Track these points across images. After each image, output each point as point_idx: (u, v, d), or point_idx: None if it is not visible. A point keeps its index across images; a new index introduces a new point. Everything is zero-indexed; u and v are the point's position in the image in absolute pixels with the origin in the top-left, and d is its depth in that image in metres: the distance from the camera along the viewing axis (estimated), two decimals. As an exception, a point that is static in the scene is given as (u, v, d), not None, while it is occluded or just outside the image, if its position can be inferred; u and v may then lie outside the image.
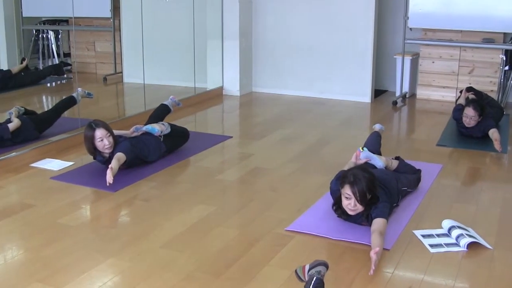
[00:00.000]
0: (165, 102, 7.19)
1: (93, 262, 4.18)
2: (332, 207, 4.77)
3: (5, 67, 10.86)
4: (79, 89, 7.73)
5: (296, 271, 3.65)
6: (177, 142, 6.71)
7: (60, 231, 4.74)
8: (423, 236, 4.54)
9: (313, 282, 3.41)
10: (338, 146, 7.00)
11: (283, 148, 6.93)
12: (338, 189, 4.58)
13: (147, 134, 6.40)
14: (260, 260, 4.18)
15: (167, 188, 5.74)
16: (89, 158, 6.22)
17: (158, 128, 6.42)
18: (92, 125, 5.93)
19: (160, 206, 5.26)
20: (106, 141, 5.90)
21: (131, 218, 5.13)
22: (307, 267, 3.59)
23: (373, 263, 3.89)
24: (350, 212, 4.53)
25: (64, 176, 6.02)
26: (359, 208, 4.47)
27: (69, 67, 11.66)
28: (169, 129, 6.53)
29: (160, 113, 7.00)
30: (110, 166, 5.59)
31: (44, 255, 4.32)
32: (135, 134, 6.40)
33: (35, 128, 7.11)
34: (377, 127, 6.22)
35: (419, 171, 5.54)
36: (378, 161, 5.29)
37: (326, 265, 3.55)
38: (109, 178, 5.48)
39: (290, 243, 4.45)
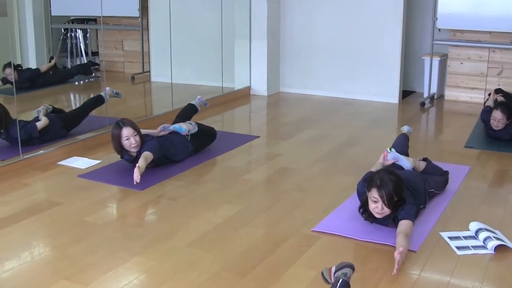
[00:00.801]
0: (192, 102, 7.20)
1: (119, 260, 4.19)
2: (359, 210, 4.75)
3: (33, 66, 10.94)
4: (107, 88, 7.76)
5: (322, 273, 3.64)
6: (204, 142, 6.71)
7: (86, 229, 4.76)
8: (450, 238, 4.50)
9: (339, 284, 3.41)
10: (365, 147, 6.96)
11: (310, 148, 6.91)
12: (365, 191, 4.56)
13: (174, 133, 6.41)
14: (286, 261, 4.17)
15: (194, 187, 5.74)
16: (116, 157, 6.24)
17: (185, 127, 6.43)
18: (119, 124, 5.95)
19: (186, 205, 5.26)
20: (132, 140, 5.91)
21: (158, 216, 5.14)
22: (333, 269, 3.58)
23: (397, 263, 3.88)
24: (377, 215, 4.51)
25: (91, 174, 6.04)
26: (386, 211, 4.44)
27: (97, 67, 11.73)
28: (196, 129, 6.53)
29: (187, 112, 7.01)
30: (137, 165, 5.60)
31: (71, 252, 4.34)
32: (162, 133, 6.41)
33: (63, 127, 7.15)
34: (405, 129, 6.19)
35: (446, 172, 5.50)
36: (406, 162, 5.26)
37: (352, 267, 3.54)
38: (137, 177, 5.49)
39: (316, 243, 4.44)
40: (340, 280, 3.43)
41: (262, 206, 5.34)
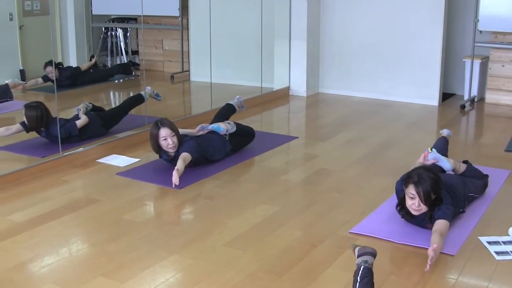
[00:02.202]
0: (230, 102, 7.21)
1: (156, 258, 4.21)
2: (396, 207, 4.72)
3: (74, 64, 11.05)
4: (148, 87, 7.80)
5: (350, 247, 3.75)
6: (242, 142, 6.71)
7: (124, 226, 4.79)
8: (489, 243, 4.45)
9: (361, 271, 3.46)
10: (403, 149, 6.91)
11: (349, 150, 6.88)
12: (403, 190, 4.53)
13: (212, 132, 6.43)
14: (323, 262, 4.16)
15: (232, 187, 5.75)
16: (155, 155, 6.27)
17: (223, 127, 6.44)
18: (158, 124, 5.97)
19: (224, 204, 5.27)
20: (170, 141, 5.93)
21: (195, 215, 5.16)
22: (356, 252, 3.61)
23: (430, 259, 3.86)
24: (413, 212, 4.48)
25: (129, 173, 6.08)
26: (423, 208, 4.41)
27: (137, 66, 11.80)
28: (234, 128, 6.54)
29: (225, 112, 7.02)
30: (176, 168, 5.60)
31: (108, 250, 4.37)
32: (201, 132, 6.43)
33: (102, 125, 7.21)
34: (444, 132, 6.14)
35: (486, 176, 5.44)
36: (446, 163, 5.21)
37: (373, 254, 3.57)
38: (175, 179, 5.50)
39: (353, 245, 4.42)
40: (362, 267, 3.47)
41: (299, 207, 5.33)
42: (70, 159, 6.41)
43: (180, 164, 5.69)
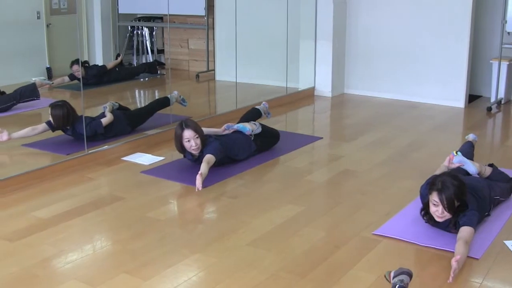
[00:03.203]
0: (257, 107, 7.20)
1: (180, 256, 4.22)
2: (420, 212, 4.69)
3: (100, 63, 11.11)
4: (175, 92, 7.83)
5: (385, 274, 3.68)
6: (267, 143, 6.70)
7: (148, 224, 4.80)
8: (515, 246, 4.42)
9: None
10: (429, 151, 6.87)
11: (373, 151, 6.85)
12: (427, 194, 4.50)
13: (237, 132, 6.42)
14: (346, 263, 4.14)
15: (256, 187, 5.74)
16: (179, 154, 6.27)
17: (249, 127, 6.43)
18: (182, 125, 5.96)
19: (248, 204, 5.27)
20: (193, 143, 5.92)
21: (219, 214, 5.16)
22: (392, 274, 3.58)
23: (453, 271, 3.81)
24: (437, 219, 4.45)
25: (154, 171, 6.10)
26: (447, 215, 4.38)
27: (162, 65, 11.83)
28: (260, 129, 6.53)
29: (251, 117, 6.97)
30: (200, 172, 5.57)
31: (132, 247, 4.38)
32: (226, 132, 6.43)
33: (128, 124, 7.24)
34: (470, 137, 6.10)
35: (512, 179, 5.39)
36: (472, 167, 5.18)
37: (409, 274, 3.54)
38: (199, 184, 5.45)
39: (377, 247, 4.39)
40: (397, 286, 3.45)
41: (323, 208, 5.31)
42: (95, 156, 6.44)
43: (204, 168, 5.66)
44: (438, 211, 4.37)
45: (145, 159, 6.45)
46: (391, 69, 9.70)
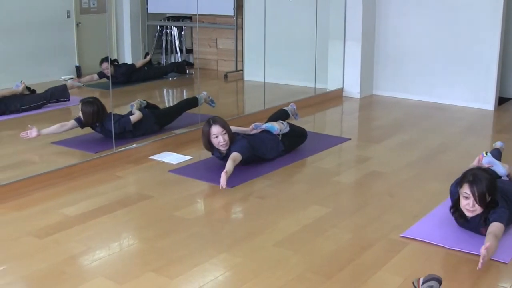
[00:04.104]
0: (285, 108, 7.20)
1: (206, 256, 4.22)
2: (450, 209, 4.65)
3: (129, 61, 11.17)
4: (205, 92, 7.85)
5: (413, 282, 3.65)
6: (295, 142, 6.69)
7: (175, 223, 4.81)
8: (545, 251, 4.37)
9: None
10: (457, 153, 6.82)
11: (401, 153, 6.82)
12: (457, 192, 4.46)
13: (265, 132, 6.42)
14: (373, 265, 4.12)
15: (283, 187, 5.74)
16: (207, 153, 6.29)
17: (277, 127, 6.43)
18: (210, 121, 5.98)
19: (275, 204, 5.26)
20: (221, 139, 5.93)
21: (246, 214, 5.16)
22: (421, 280, 3.56)
23: (482, 257, 3.80)
24: (467, 213, 4.39)
25: (182, 170, 6.11)
26: (478, 209, 4.33)
27: (190, 65, 11.87)
28: (288, 128, 6.52)
29: (279, 117, 6.97)
30: (225, 170, 5.58)
31: (159, 246, 4.39)
32: (254, 131, 6.43)
33: (156, 123, 7.27)
34: (498, 144, 6.05)
35: (542, 183, 5.34)
36: (501, 168, 5.14)
37: (439, 281, 3.52)
38: (223, 182, 5.44)
39: (404, 249, 4.37)
40: None
41: (350, 209, 5.30)
42: (123, 155, 6.47)
43: (229, 165, 5.66)
44: (469, 204, 4.32)
45: (173, 158, 6.47)
46: (420, 71, 9.64)
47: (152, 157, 6.52)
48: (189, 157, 6.49)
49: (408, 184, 5.82)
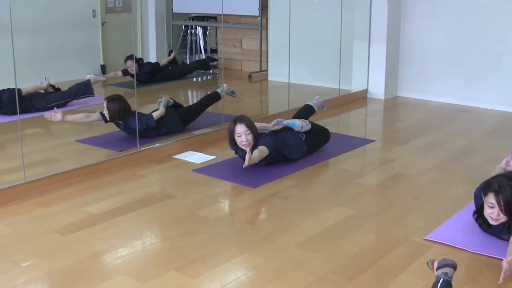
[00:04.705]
0: (309, 103, 7.19)
1: (228, 255, 4.22)
2: (473, 215, 4.62)
3: (153, 60, 11.20)
4: (224, 85, 7.86)
5: (427, 262, 3.70)
6: (318, 141, 6.67)
7: (198, 223, 4.82)
8: None
9: (439, 284, 3.40)
10: (483, 156, 6.77)
11: (426, 155, 6.78)
12: (481, 197, 4.42)
13: (288, 129, 6.39)
14: (395, 268, 4.10)
15: (307, 188, 5.73)
16: (231, 153, 6.30)
17: (299, 124, 6.41)
18: (236, 120, 6.00)
19: (298, 205, 5.26)
20: (244, 138, 5.93)
21: (269, 215, 5.16)
22: (436, 264, 3.56)
23: (503, 271, 3.75)
24: (491, 222, 4.36)
25: (205, 169, 6.12)
26: (502, 218, 4.29)
27: (215, 63, 11.89)
28: (309, 126, 6.50)
29: (304, 113, 6.99)
30: (251, 153, 5.62)
31: (181, 245, 4.40)
32: (276, 127, 6.41)
33: (180, 121, 7.28)
34: None
35: None
36: (529, 171, 5.08)
37: (454, 267, 3.50)
38: (247, 161, 5.54)
39: (427, 252, 4.34)
40: (441, 280, 3.42)
41: (373, 211, 5.28)
42: (147, 154, 6.49)
43: (255, 153, 5.74)
44: (494, 214, 4.28)
45: (197, 157, 6.48)
46: (445, 73, 9.59)
47: (176, 156, 6.54)
48: (212, 157, 6.50)
49: (432, 186, 5.79)
